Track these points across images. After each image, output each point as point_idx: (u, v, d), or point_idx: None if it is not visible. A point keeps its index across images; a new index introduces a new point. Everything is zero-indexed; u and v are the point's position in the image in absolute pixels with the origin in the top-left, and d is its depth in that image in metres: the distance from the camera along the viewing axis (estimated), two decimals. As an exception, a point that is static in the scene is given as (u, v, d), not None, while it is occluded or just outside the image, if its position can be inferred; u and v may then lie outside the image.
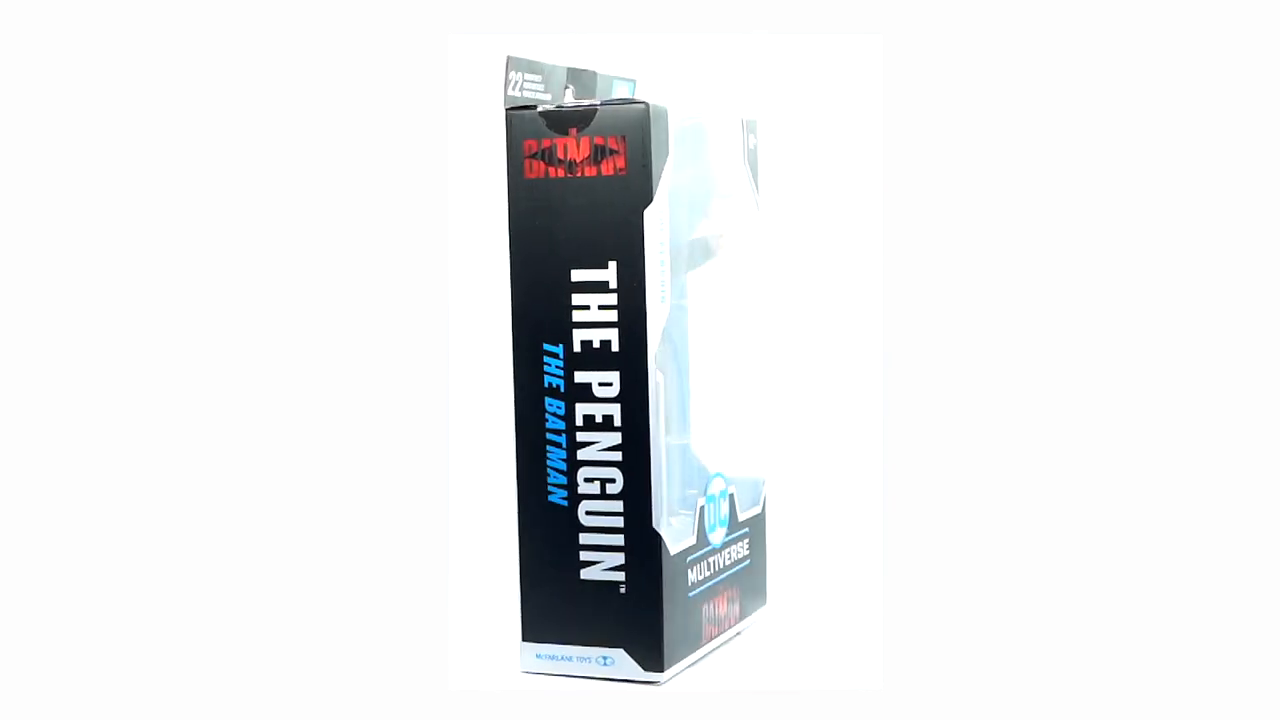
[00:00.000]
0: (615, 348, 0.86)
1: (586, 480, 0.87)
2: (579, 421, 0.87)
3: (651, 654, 0.86)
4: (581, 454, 0.87)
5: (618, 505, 0.87)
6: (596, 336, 0.86)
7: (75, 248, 0.97)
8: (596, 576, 0.87)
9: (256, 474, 1.01)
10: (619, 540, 0.87)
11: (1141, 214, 1.03)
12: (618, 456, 0.86)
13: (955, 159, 1.07)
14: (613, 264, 0.85)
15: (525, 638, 0.90)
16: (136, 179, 0.99)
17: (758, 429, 1.01)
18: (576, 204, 0.86)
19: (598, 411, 0.87)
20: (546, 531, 0.88)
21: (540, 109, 0.87)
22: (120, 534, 0.97)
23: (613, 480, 0.87)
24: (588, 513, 0.87)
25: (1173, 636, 0.90)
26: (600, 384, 0.87)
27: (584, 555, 0.88)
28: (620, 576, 0.87)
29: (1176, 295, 1.02)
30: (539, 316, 0.88)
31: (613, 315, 0.86)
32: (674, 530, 0.90)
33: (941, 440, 1.06)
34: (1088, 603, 0.94)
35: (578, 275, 0.86)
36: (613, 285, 0.85)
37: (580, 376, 0.87)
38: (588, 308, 0.86)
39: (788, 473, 1.15)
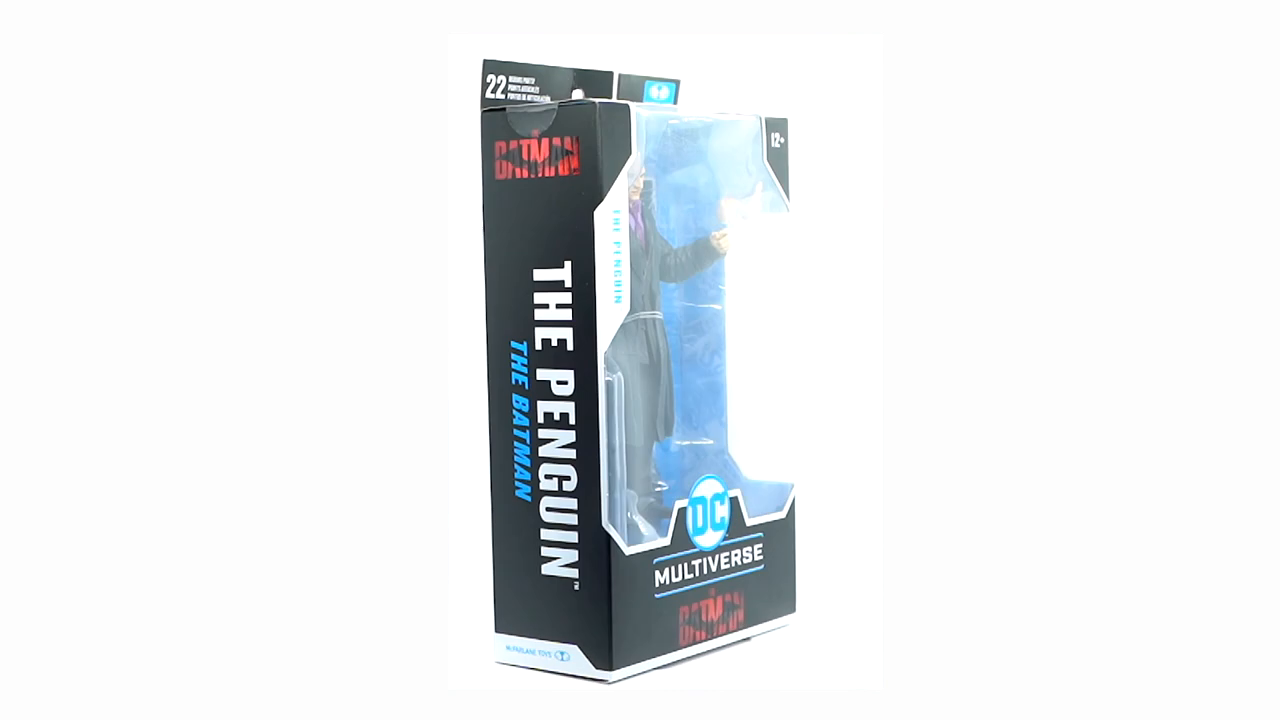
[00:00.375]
0: (570, 346, 0.87)
1: (546, 477, 0.88)
2: (540, 418, 0.88)
3: (601, 652, 0.87)
4: (543, 450, 0.88)
5: (572, 503, 0.87)
6: (554, 335, 0.87)
7: (65, 246, 1.00)
8: (554, 572, 0.88)
9: (254, 473, 1.03)
10: (574, 537, 0.88)
11: (1146, 212, 1.01)
12: (572, 454, 0.87)
13: (956, 159, 1.06)
14: (568, 264, 0.86)
15: (497, 629, 0.91)
16: (132, 177, 1.01)
17: (789, 433, 1.01)
18: (538, 204, 0.87)
19: (556, 409, 0.88)
20: (513, 526, 0.90)
21: (507, 110, 0.88)
22: (110, 525, 0.99)
23: (568, 477, 0.87)
24: (547, 509, 0.88)
25: (1172, 637, 0.89)
26: (558, 382, 0.87)
27: (544, 551, 0.89)
28: (574, 573, 0.88)
29: (1183, 295, 1.00)
30: (507, 314, 0.89)
31: (568, 314, 0.87)
32: (646, 531, 0.90)
33: (941, 440, 1.05)
34: (1088, 604, 0.93)
35: (539, 275, 0.87)
36: (568, 284, 0.86)
37: (541, 374, 0.88)
38: (547, 306, 0.87)
39: (806, 476, 1.15)
